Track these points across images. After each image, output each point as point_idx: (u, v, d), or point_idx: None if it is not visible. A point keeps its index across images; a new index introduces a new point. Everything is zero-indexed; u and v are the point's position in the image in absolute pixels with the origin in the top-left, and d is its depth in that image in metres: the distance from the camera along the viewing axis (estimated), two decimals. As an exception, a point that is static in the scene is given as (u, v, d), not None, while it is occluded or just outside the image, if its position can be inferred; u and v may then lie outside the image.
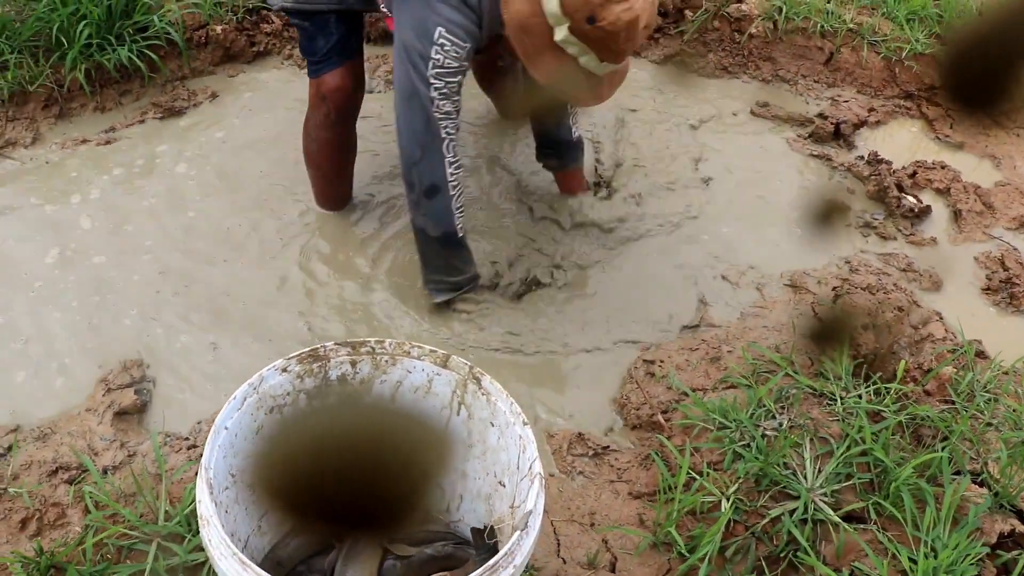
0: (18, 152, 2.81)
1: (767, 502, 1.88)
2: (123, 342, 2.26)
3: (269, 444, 1.33)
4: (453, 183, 2.15)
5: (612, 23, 1.83)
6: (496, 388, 1.42)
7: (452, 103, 2.06)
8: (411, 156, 2.12)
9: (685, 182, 2.92)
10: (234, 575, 1.14)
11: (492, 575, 1.17)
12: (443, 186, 2.15)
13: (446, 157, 2.11)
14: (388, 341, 1.47)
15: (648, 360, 2.29)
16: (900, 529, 1.84)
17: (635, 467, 2.06)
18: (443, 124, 2.07)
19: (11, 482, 1.87)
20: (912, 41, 3.31)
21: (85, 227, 2.56)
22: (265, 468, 1.10)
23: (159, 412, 2.13)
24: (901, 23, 3.38)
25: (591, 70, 1.96)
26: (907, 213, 2.82)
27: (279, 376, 1.42)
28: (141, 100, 3.06)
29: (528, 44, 1.93)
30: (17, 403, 2.11)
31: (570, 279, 2.53)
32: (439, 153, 2.11)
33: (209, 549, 1.20)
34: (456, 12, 1.97)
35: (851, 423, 1.99)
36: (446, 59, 1.99)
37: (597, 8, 1.81)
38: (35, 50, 2.90)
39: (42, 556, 1.68)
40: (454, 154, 2.13)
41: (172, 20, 3.05)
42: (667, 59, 3.49)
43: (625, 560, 1.85)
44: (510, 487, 1.42)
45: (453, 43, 1.98)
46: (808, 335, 1.12)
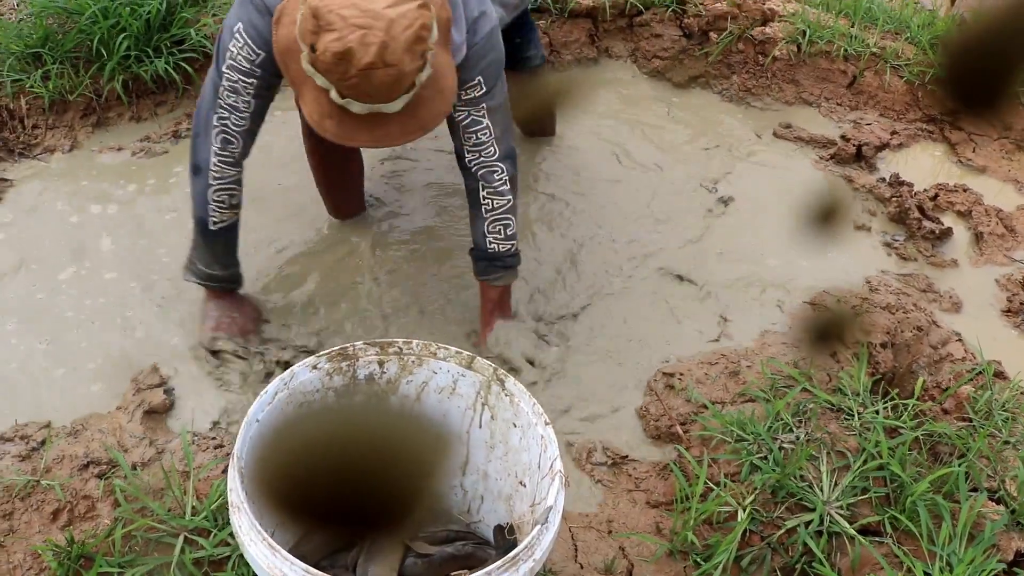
0: (56, 157, 2.89)
1: (783, 513, 1.90)
2: (151, 345, 2.32)
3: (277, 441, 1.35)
4: (216, 174, 2.12)
5: (322, 52, 1.69)
6: (519, 389, 1.46)
7: (237, 101, 2.02)
8: (194, 129, 2.13)
9: (706, 200, 2.95)
10: (263, 560, 1.18)
11: (513, 567, 1.20)
12: (204, 170, 2.13)
13: (213, 146, 2.09)
14: (415, 342, 1.51)
15: (668, 373, 2.31)
16: (916, 544, 1.85)
17: (653, 477, 2.08)
18: (221, 114, 2.05)
19: (44, 475, 1.92)
20: (935, 66, 3.34)
21: (113, 232, 2.63)
22: (276, 467, 1.11)
23: (187, 412, 2.18)
24: (924, 47, 3.41)
25: (342, 106, 1.79)
26: (928, 235, 2.84)
27: (309, 373, 1.46)
28: (175, 111, 3.14)
29: (294, 71, 1.83)
30: (49, 401, 2.17)
31: (591, 293, 2.57)
32: (209, 138, 2.09)
33: (239, 535, 1.24)
34: (260, 17, 1.92)
35: (868, 438, 2.01)
36: (239, 55, 1.96)
37: (312, 36, 1.70)
38: (76, 61, 2.99)
39: (73, 546, 1.73)
40: (222, 149, 2.09)
41: (208, 34, 3.13)
42: (691, 80, 3.54)
43: (641, 567, 1.87)
44: (530, 487, 1.45)
45: (246, 43, 1.95)
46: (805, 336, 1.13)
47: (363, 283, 2.54)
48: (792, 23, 3.47)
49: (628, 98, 3.43)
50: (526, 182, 2.93)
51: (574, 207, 2.87)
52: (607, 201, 2.92)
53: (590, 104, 3.36)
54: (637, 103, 3.41)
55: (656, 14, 3.53)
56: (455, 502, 1.73)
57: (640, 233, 2.80)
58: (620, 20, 3.56)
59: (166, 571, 1.72)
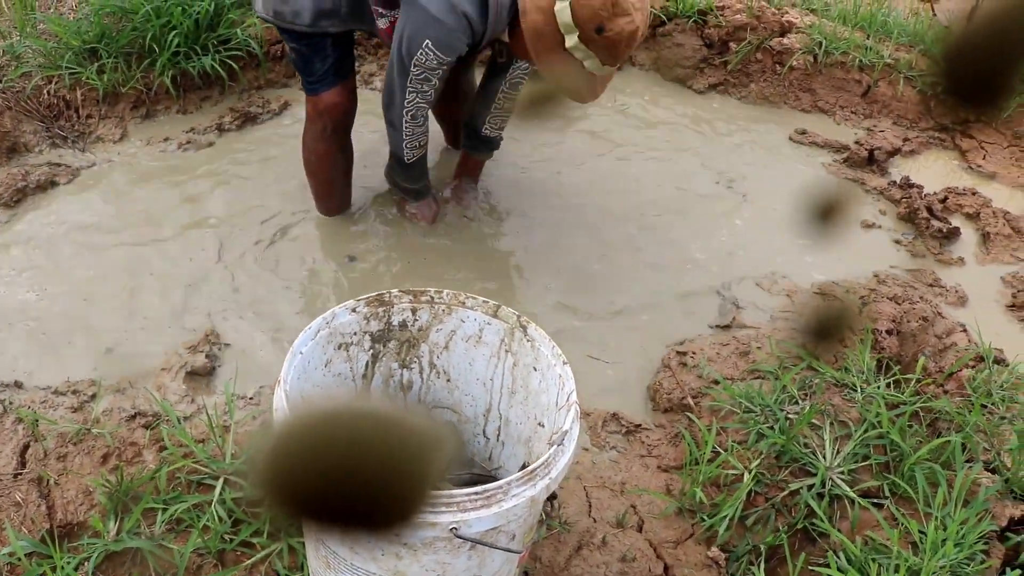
0: (107, 146, 3.07)
1: (787, 477, 2.01)
2: (194, 315, 2.47)
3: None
4: (408, 131, 2.55)
5: (617, 33, 2.13)
6: (540, 334, 1.58)
7: (426, 86, 2.39)
8: (385, 100, 2.53)
9: (723, 197, 3.08)
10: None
11: (530, 482, 1.32)
12: (399, 128, 2.54)
13: (404, 118, 2.50)
14: (446, 292, 1.64)
15: (681, 351, 2.43)
16: (912, 508, 1.95)
17: (664, 444, 2.20)
18: (410, 98, 2.43)
19: (94, 423, 2.07)
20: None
21: (166, 210, 2.80)
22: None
23: (226, 376, 2.32)
24: (938, 59, 3.53)
25: (593, 71, 2.23)
26: (936, 233, 2.95)
27: (349, 315, 1.59)
28: (219, 105, 3.31)
29: (540, 48, 2.20)
30: (100, 360, 2.32)
31: (610, 285, 2.70)
32: (400, 111, 2.48)
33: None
34: (448, 34, 2.25)
35: (870, 409, 2.11)
36: (427, 62, 2.31)
37: (605, 21, 2.11)
38: (128, 56, 3.17)
39: (122, 483, 1.87)
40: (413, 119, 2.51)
41: (253, 34, 3.31)
42: (711, 87, 3.68)
43: (651, 523, 1.98)
44: (548, 426, 1.57)
45: (436, 55, 2.29)
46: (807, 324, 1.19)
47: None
48: (809, 34, 3.61)
49: (650, 103, 3.58)
50: (557, 183, 3.08)
51: (599, 205, 3.00)
52: (627, 197, 3.05)
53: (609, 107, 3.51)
54: (659, 109, 3.55)
55: (678, 24, 3.69)
56: (478, 449, 1.85)
57: (659, 226, 2.93)
58: (643, 30, 3.71)
59: (207, 508, 1.85)
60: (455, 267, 2.70)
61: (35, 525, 1.81)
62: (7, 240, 2.65)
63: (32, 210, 2.77)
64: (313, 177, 2.79)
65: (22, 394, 2.18)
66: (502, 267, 2.73)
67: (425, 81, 2.37)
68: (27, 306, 2.45)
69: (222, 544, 1.79)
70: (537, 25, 2.17)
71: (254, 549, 1.80)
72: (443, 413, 1.80)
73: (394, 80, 2.42)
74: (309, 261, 2.68)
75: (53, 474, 1.91)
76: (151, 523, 1.83)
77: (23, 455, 1.97)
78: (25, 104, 3.04)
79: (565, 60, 2.21)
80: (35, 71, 3.09)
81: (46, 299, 2.47)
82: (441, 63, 2.32)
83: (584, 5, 2.10)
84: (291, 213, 2.84)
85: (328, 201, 2.84)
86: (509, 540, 1.39)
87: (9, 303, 2.45)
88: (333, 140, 2.66)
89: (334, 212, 2.85)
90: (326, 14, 2.38)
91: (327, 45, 2.46)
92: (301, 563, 1.76)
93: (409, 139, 2.58)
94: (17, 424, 2.03)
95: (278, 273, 2.63)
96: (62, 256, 2.62)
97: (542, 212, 2.94)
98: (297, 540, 1.77)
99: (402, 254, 2.74)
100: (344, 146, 2.72)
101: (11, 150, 2.96)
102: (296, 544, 1.78)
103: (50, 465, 1.94)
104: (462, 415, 1.81)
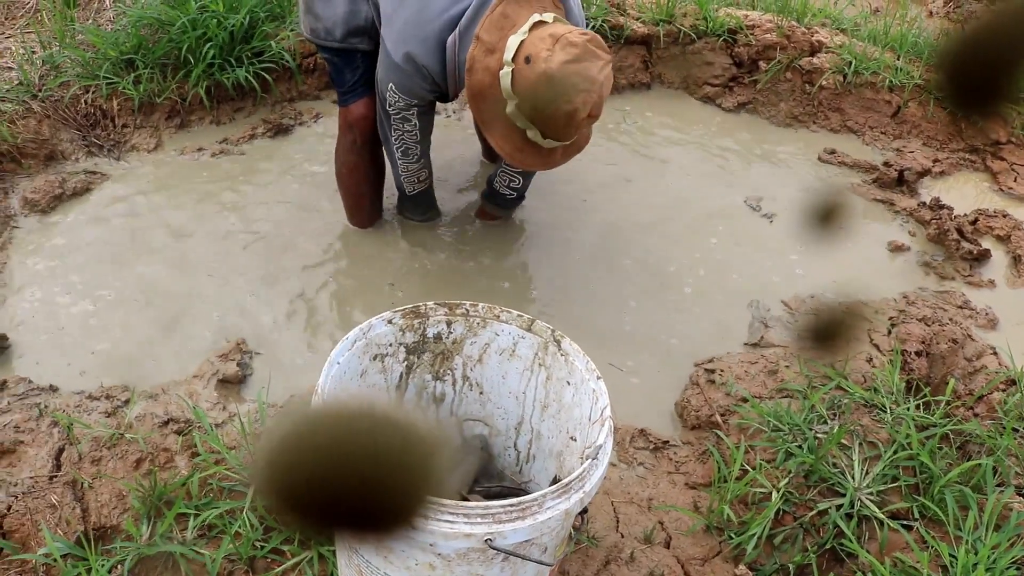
0: (141, 155, 3.12)
1: (815, 496, 2.01)
2: (225, 324, 2.50)
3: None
4: (402, 167, 2.65)
5: (552, 113, 2.09)
6: (574, 349, 1.59)
7: (408, 117, 2.46)
8: (381, 136, 2.62)
9: (751, 217, 3.09)
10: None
11: (565, 495, 1.33)
12: (395, 164, 2.66)
13: (396, 154, 2.61)
14: (481, 305, 1.66)
15: (709, 369, 2.43)
16: (942, 531, 1.94)
17: (692, 461, 2.20)
18: (396, 134, 2.53)
19: (128, 429, 2.09)
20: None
21: (202, 221, 2.83)
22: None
23: (257, 385, 2.34)
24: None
25: (537, 143, 2.19)
26: (966, 255, 2.93)
27: (385, 326, 1.61)
28: (252, 116, 3.36)
29: (484, 110, 2.20)
30: (134, 367, 2.35)
31: (638, 295, 2.71)
32: (391, 148, 2.60)
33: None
34: (408, 79, 2.33)
35: (899, 430, 2.10)
36: (396, 102, 2.41)
37: (541, 98, 2.07)
38: (164, 67, 3.22)
39: (156, 488, 1.89)
40: (404, 155, 2.61)
41: (287, 46, 3.35)
42: (740, 106, 3.69)
43: (679, 540, 1.98)
44: (581, 440, 1.58)
45: (401, 96, 2.39)
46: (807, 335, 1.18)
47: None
48: (839, 54, 3.61)
49: (679, 121, 3.59)
50: (583, 202, 3.09)
51: (626, 223, 3.01)
52: (657, 216, 3.06)
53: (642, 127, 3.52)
54: (687, 126, 3.57)
55: (708, 43, 3.70)
56: (508, 462, 1.86)
57: (688, 244, 2.94)
58: (673, 48, 3.73)
59: (238, 515, 1.87)
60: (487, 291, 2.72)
61: (70, 527, 1.83)
62: (42, 245, 2.69)
63: (67, 217, 2.81)
64: (344, 189, 2.83)
65: (57, 398, 2.21)
66: (537, 287, 2.74)
67: (405, 121, 2.47)
68: (61, 310, 2.49)
69: (253, 551, 1.81)
70: (482, 86, 2.17)
71: (284, 556, 1.81)
72: (475, 426, 1.82)
73: (381, 118, 2.54)
74: (343, 276, 2.71)
75: (87, 477, 1.94)
76: (183, 528, 1.85)
77: (58, 458, 2.00)
78: (63, 113, 3.10)
79: (507, 126, 2.20)
80: (73, 80, 3.14)
81: (80, 304, 2.51)
82: (409, 104, 2.40)
83: (524, 77, 2.07)
84: (323, 228, 2.87)
85: (358, 213, 2.86)
86: (541, 553, 1.40)
87: (44, 307, 2.49)
88: (363, 152, 2.69)
89: (365, 225, 2.88)
90: (356, 32, 2.45)
91: (358, 57, 2.52)
92: (331, 572, 1.77)
93: (405, 174, 2.68)
94: (53, 427, 2.06)
95: (308, 285, 2.65)
96: (95, 262, 2.66)
97: (573, 231, 2.96)
98: (328, 548, 1.79)
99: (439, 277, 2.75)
100: (374, 159, 2.75)
101: (49, 157, 3.01)
102: (326, 552, 1.79)
103: (84, 468, 1.97)
104: (494, 428, 1.82)
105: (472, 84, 2.18)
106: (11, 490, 1.90)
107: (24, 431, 2.04)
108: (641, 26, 3.66)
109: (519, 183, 2.75)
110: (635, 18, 3.70)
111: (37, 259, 2.64)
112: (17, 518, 1.84)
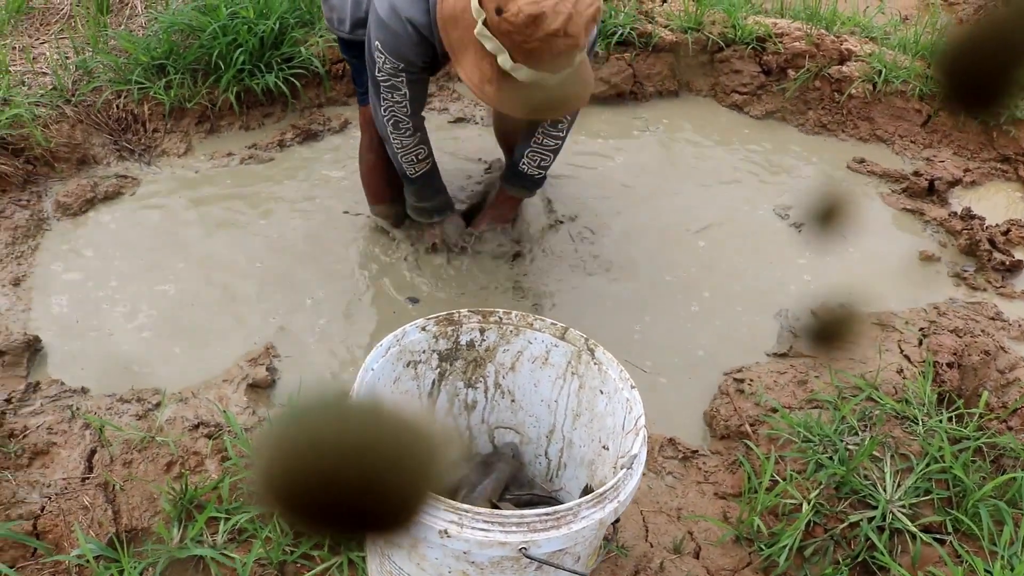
0: (171, 160, 3.15)
1: (846, 508, 1.99)
2: (254, 329, 2.51)
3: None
4: (397, 144, 2.52)
5: (514, 15, 1.89)
6: (608, 358, 1.59)
7: (397, 85, 2.36)
8: (372, 114, 2.52)
9: (779, 226, 3.07)
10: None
11: (600, 504, 1.32)
12: (387, 138, 2.52)
13: (387, 127, 2.47)
14: (514, 313, 1.66)
15: (738, 379, 2.42)
16: (976, 545, 1.92)
17: (722, 471, 2.18)
18: (386, 104, 2.42)
19: (159, 432, 2.11)
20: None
21: (230, 226, 2.85)
22: None
23: (286, 389, 2.35)
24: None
25: (508, 71, 2.01)
26: (998, 266, 2.90)
27: (418, 333, 1.61)
28: (281, 122, 3.38)
29: (455, 37, 2.09)
30: (164, 371, 2.37)
31: (666, 313, 2.70)
32: (381, 122, 2.48)
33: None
34: (394, 38, 2.25)
35: (931, 443, 2.08)
36: (384, 65, 2.32)
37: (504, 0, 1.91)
38: (195, 72, 3.25)
39: (186, 492, 1.90)
40: (395, 128, 2.47)
41: (316, 53, 3.37)
42: (768, 115, 3.67)
43: (708, 550, 1.97)
44: (613, 450, 1.58)
45: (388, 58, 2.29)
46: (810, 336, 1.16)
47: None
48: (868, 63, 3.59)
49: (707, 129, 3.58)
50: (615, 207, 3.09)
51: (654, 231, 3.00)
52: (683, 224, 3.05)
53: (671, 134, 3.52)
54: (715, 134, 3.55)
55: (736, 51, 3.69)
56: (539, 470, 1.85)
57: (714, 252, 2.93)
58: (702, 56, 3.72)
59: (269, 519, 1.87)
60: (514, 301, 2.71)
61: (102, 529, 1.85)
62: (74, 248, 2.72)
63: (99, 220, 2.84)
64: (366, 187, 2.85)
65: (88, 400, 2.23)
66: (558, 293, 2.74)
67: (394, 89, 2.38)
68: (93, 313, 2.51)
69: (283, 556, 1.81)
70: (454, 10, 2.07)
71: (314, 562, 1.82)
72: (506, 433, 1.81)
73: (372, 91, 2.45)
74: (372, 281, 2.72)
75: (119, 480, 1.95)
76: (214, 532, 1.86)
77: (90, 460, 2.01)
78: (95, 117, 3.13)
79: (479, 53, 2.05)
80: (105, 86, 3.17)
81: (111, 306, 2.53)
82: (396, 68, 2.32)
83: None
84: (353, 233, 2.88)
85: (381, 209, 2.88)
86: (574, 562, 1.40)
87: (76, 309, 2.51)
88: (382, 151, 2.69)
89: (390, 222, 2.89)
90: (361, 24, 2.45)
91: None
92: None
93: (401, 151, 2.56)
94: (85, 429, 2.08)
95: (338, 291, 2.66)
96: (126, 265, 2.68)
97: (599, 239, 2.95)
98: (358, 555, 1.79)
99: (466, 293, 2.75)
100: None
101: (81, 162, 3.04)
102: (356, 558, 1.80)
103: (116, 471, 1.98)
104: (525, 436, 1.82)
105: (444, 9, 2.10)
106: (44, 491, 1.92)
107: (57, 433, 2.06)
108: (669, 34, 3.66)
109: (550, 160, 2.66)
110: (663, 26, 3.70)
111: (69, 261, 2.67)
112: (51, 519, 1.85)
